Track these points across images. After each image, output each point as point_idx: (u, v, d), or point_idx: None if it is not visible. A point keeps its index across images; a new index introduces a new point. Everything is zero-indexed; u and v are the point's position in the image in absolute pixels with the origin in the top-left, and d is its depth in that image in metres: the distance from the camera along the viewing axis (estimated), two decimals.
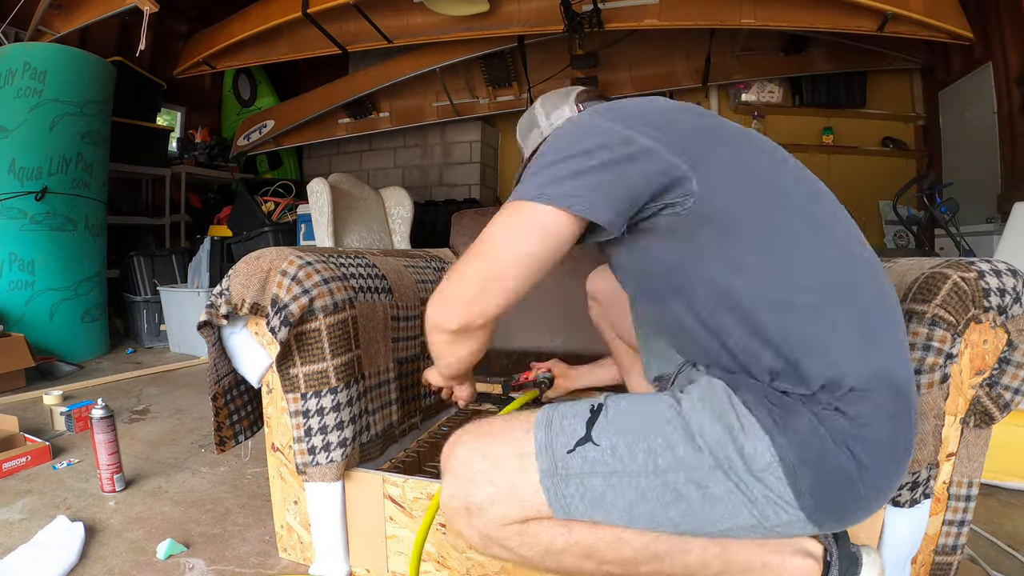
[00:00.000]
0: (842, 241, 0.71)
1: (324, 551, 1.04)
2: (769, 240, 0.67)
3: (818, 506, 0.64)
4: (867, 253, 0.72)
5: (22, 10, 3.07)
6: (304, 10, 3.44)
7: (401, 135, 5.17)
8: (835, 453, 0.62)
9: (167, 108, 4.91)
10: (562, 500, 0.68)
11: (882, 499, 0.67)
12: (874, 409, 0.64)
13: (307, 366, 0.98)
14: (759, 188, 0.69)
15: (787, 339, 0.65)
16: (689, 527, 0.67)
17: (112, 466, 1.40)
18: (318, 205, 2.69)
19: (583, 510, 0.68)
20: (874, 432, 0.64)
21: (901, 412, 0.66)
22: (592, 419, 0.70)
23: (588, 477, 0.67)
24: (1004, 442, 1.31)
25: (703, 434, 0.66)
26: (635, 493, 0.66)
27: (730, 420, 0.65)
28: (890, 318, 0.69)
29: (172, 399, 2.32)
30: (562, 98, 0.98)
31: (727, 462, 0.64)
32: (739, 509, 0.65)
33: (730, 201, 0.68)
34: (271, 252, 1.00)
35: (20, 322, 2.82)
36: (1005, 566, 1.08)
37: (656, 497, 0.66)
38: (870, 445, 0.63)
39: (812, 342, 0.65)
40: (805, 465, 0.62)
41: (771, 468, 0.63)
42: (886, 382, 0.65)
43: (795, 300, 0.66)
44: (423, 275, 1.38)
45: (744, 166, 0.70)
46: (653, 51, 4.36)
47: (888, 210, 4.27)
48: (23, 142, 2.83)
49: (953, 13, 2.99)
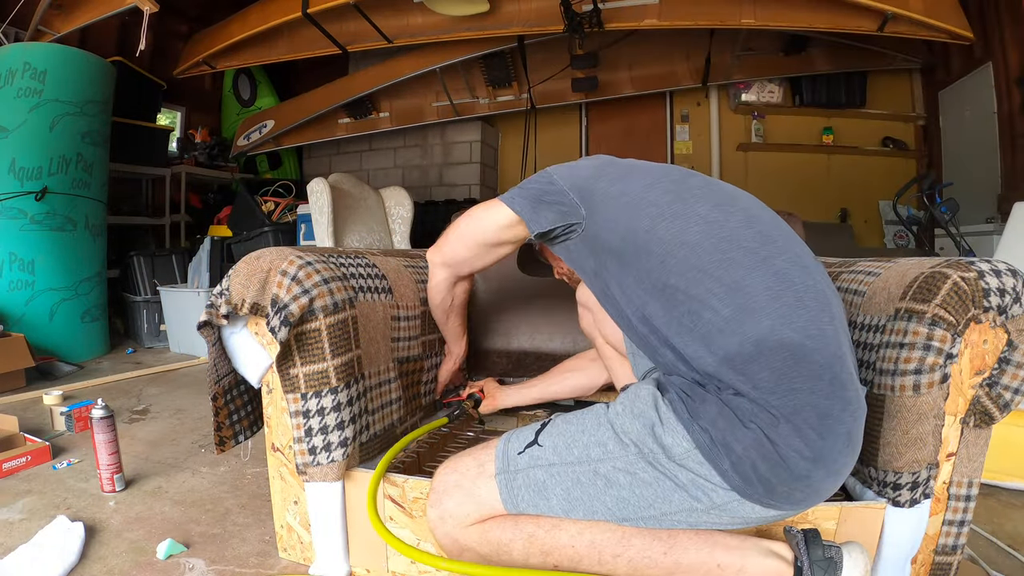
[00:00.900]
0: (707, 218, 0.79)
1: (324, 551, 1.04)
2: (637, 248, 0.80)
3: (746, 481, 0.69)
4: (741, 215, 0.79)
5: (22, 10, 3.07)
6: (304, 10, 3.44)
7: (401, 135, 5.17)
8: (744, 431, 0.68)
9: (167, 108, 4.91)
10: (511, 491, 0.79)
11: (832, 468, 0.69)
12: (770, 375, 0.68)
13: (307, 366, 0.98)
14: (625, 209, 0.83)
15: (673, 332, 0.76)
16: (624, 512, 0.75)
17: (112, 466, 1.40)
18: (318, 205, 2.69)
19: (528, 499, 0.78)
20: (780, 400, 0.67)
21: (805, 372, 0.68)
22: (540, 429, 0.83)
23: (532, 470, 0.79)
24: (1004, 442, 1.31)
25: (627, 432, 0.75)
26: (571, 480, 0.77)
27: (650, 416, 0.74)
28: (773, 283, 0.72)
29: (172, 399, 2.32)
30: None
31: (651, 454, 0.73)
32: (670, 494, 0.73)
33: (605, 226, 0.84)
34: (271, 252, 1.00)
35: (20, 322, 2.82)
36: (1005, 566, 1.08)
37: (589, 481, 0.76)
38: (780, 413, 0.67)
39: (691, 330, 0.74)
40: (720, 446, 0.69)
41: (691, 454, 0.71)
42: (771, 344, 0.68)
43: (669, 294, 0.76)
44: (423, 275, 1.38)
45: (618, 194, 0.85)
46: (653, 51, 4.36)
47: (888, 210, 4.27)
48: (23, 142, 2.82)
49: (953, 13, 2.99)
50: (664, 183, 0.85)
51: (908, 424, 0.82)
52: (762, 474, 0.68)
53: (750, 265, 0.74)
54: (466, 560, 0.82)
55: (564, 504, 0.77)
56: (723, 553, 0.74)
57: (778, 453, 0.67)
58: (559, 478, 0.77)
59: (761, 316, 0.70)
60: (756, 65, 4.32)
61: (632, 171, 0.90)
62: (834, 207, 4.47)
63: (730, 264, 0.74)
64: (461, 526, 0.81)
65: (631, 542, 0.76)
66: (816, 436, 0.67)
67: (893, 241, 4.30)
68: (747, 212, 0.82)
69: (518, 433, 0.85)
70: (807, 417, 0.67)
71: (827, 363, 0.69)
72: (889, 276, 0.91)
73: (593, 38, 3.80)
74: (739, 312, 0.71)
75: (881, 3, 2.90)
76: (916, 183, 3.26)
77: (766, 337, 0.69)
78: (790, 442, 0.67)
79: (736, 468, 0.69)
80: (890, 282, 0.89)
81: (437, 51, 4.16)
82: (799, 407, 0.67)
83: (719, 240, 0.76)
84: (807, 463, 0.67)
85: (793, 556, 0.74)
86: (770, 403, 0.68)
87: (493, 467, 0.81)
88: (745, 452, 0.68)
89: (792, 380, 0.68)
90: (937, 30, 3.02)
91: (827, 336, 0.71)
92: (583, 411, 0.83)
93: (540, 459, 0.79)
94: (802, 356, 0.69)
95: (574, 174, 0.92)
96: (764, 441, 0.67)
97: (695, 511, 0.73)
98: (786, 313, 0.71)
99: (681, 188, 0.84)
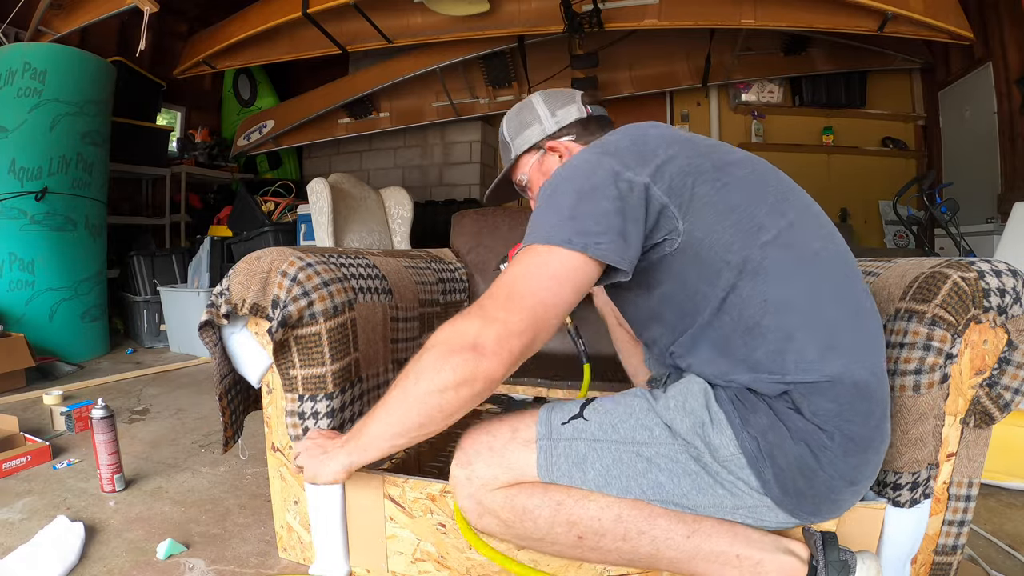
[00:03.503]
0: (808, 256, 0.74)
1: (324, 551, 1.04)
2: (744, 273, 0.73)
3: (784, 493, 0.72)
4: (833, 252, 0.76)
5: (22, 10, 3.07)
6: (304, 10, 3.44)
7: (401, 135, 5.16)
8: (792, 446, 0.70)
9: (167, 108, 4.92)
10: (550, 459, 0.78)
11: (857, 489, 0.74)
12: (833, 407, 0.70)
13: (306, 369, 0.97)
14: (737, 223, 0.74)
15: (746, 359, 0.74)
16: (658, 496, 0.75)
17: (112, 466, 1.40)
18: (318, 205, 2.69)
19: (565, 469, 0.77)
20: (835, 427, 0.70)
21: (864, 408, 0.71)
22: (585, 404, 0.82)
23: (575, 442, 0.78)
24: (1004, 442, 1.31)
25: (673, 424, 0.76)
26: (611, 458, 0.77)
27: (701, 415, 0.74)
28: (853, 321, 0.74)
29: (172, 399, 2.32)
30: (567, 97, 1.01)
31: (695, 450, 0.74)
32: (707, 489, 0.74)
33: (711, 239, 0.74)
34: (271, 252, 1.00)
35: (20, 322, 2.82)
36: (1005, 566, 1.08)
37: (631, 462, 0.76)
38: (831, 439, 0.70)
39: (769, 365, 0.72)
40: (766, 456, 0.71)
41: (735, 459, 0.72)
42: (846, 382, 0.70)
43: (758, 332, 0.73)
44: (423, 276, 1.38)
45: (725, 204, 0.75)
46: (653, 51, 4.35)
47: (888, 210, 4.27)
48: (23, 142, 2.82)
49: (953, 13, 2.99)
50: (768, 198, 0.76)
51: (908, 424, 0.82)
52: (799, 488, 0.71)
53: (837, 298, 0.74)
54: (485, 525, 0.82)
55: (600, 479, 0.77)
56: (743, 545, 0.75)
57: (820, 472, 0.70)
58: (600, 453, 0.77)
59: (841, 353, 0.71)
60: (756, 65, 4.32)
61: (728, 168, 0.78)
62: (834, 207, 4.47)
63: (823, 302, 0.73)
64: (487, 489, 0.79)
65: (656, 521, 0.76)
66: (856, 462, 0.72)
67: (893, 241, 4.30)
68: (832, 234, 0.78)
69: (560, 405, 0.84)
70: (854, 445, 0.71)
71: (882, 399, 0.74)
72: (889, 276, 0.90)
73: (593, 38, 3.80)
74: (824, 351, 0.71)
75: (881, 3, 2.89)
76: (916, 183, 3.25)
77: (841, 375, 0.70)
78: (835, 464, 0.70)
79: (777, 479, 0.71)
80: (890, 282, 0.89)
81: (437, 51, 4.15)
82: (850, 435, 0.71)
83: (819, 275, 0.74)
84: (842, 484, 0.72)
85: (809, 555, 0.75)
86: (824, 427, 0.70)
87: (530, 433, 0.80)
88: (788, 466, 0.70)
89: (851, 413, 0.71)
90: (937, 30, 3.02)
91: (884, 374, 0.75)
92: (626, 395, 0.83)
93: (584, 432, 0.78)
94: (867, 394, 0.72)
95: (657, 162, 0.75)
96: (809, 459, 0.70)
97: (724, 508, 0.75)
98: (861, 352, 0.73)
99: (784, 206, 0.77)
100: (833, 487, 0.71)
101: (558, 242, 0.71)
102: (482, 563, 0.94)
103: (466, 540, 0.88)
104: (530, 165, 1.02)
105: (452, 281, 1.56)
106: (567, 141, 0.98)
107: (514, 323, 0.68)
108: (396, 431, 0.77)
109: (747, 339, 0.73)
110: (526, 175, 1.03)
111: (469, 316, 0.71)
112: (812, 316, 0.72)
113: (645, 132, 0.83)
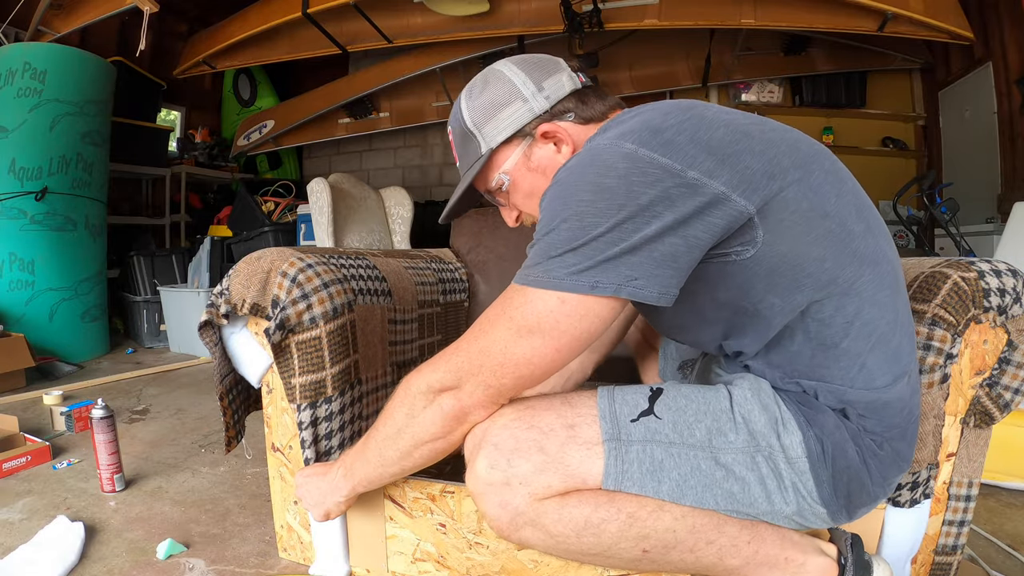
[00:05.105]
0: (890, 274, 0.69)
1: (324, 551, 1.04)
2: (832, 292, 0.65)
3: (835, 495, 0.69)
4: (895, 260, 0.73)
5: (22, 10, 3.07)
6: (304, 10, 3.44)
7: (401, 135, 5.17)
8: (852, 449, 0.69)
9: (167, 108, 4.92)
10: (621, 465, 0.67)
11: (886, 494, 0.74)
12: (888, 421, 0.71)
13: (304, 376, 0.97)
14: (830, 233, 0.64)
15: (810, 377, 0.71)
16: (730, 506, 0.69)
17: (112, 466, 1.40)
18: (318, 205, 2.69)
19: (637, 478, 0.67)
20: (885, 439, 0.71)
21: (912, 429, 0.73)
22: (654, 397, 0.71)
23: (650, 445, 0.67)
24: (1004, 442, 1.31)
25: (750, 422, 0.68)
26: (690, 466, 0.67)
27: (774, 413, 0.69)
28: (912, 342, 0.73)
29: (172, 399, 2.32)
30: (551, 64, 0.79)
31: (768, 449, 0.68)
32: (773, 494, 0.69)
33: (797, 251, 0.63)
34: (271, 252, 1.00)
35: (20, 322, 2.82)
36: (1005, 566, 1.08)
37: (709, 470, 0.67)
38: (881, 448, 0.71)
39: (842, 377, 0.69)
40: (828, 459, 0.68)
41: (800, 460, 0.68)
42: (897, 405, 0.71)
43: (833, 355, 0.68)
44: (422, 276, 1.38)
45: (819, 210, 0.63)
46: (653, 51, 4.36)
47: (888, 210, 4.26)
48: (23, 142, 2.83)
49: (953, 13, 3.00)
50: (849, 197, 0.67)
51: None
52: (850, 491, 0.70)
53: (908, 322, 0.72)
54: (524, 538, 0.69)
55: (675, 491, 0.67)
56: (790, 547, 0.74)
57: (867, 480, 0.71)
58: (678, 460, 0.67)
59: (907, 381, 0.71)
60: (756, 65, 4.32)
61: (810, 164, 0.64)
62: None
63: (900, 328, 0.70)
64: (535, 497, 0.66)
65: (725, 529, 0.69)
66: (894, 476, 0.73)
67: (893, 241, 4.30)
68: (888, 232, 0.72)
69: (622, 394, 0.71)
70: (898, 459, 0.72)
71: (920, 417, 0.76)
72: None
73: (593, 38, 3.80)
74: (894, 380, 0.69)
75: (881, 3, 2.90)
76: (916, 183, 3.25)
77: (901, 398, 0.71)
78: (881, 471, 0.71)
79: (833, 481, 0.69)
80: None
81: (437, 51, 4.16)
82: (897, 450, 0.72)
83: (902, 301, 0.71)
84: (880, 492, 0.72)
85: (837, 554, 0.76)
86: (875, 437, 0.71)
87: (592, 433, 0.67)
88: (846, 468, 0.69)
89: (900, 431, 0.72)
90: (937, 30, 3.02)
91: (921, 393, 0.76)
92: (699, 388, 0.72)
93: (659, 434, 0.68)
94: (912, 418, 0.73)
95: (732, 160, 0.60)
96: (860, 464, 0.70)
97: (778, 515, 0.70)
98: (914, 375, 0.73)
99: (864, 209, 0.69)
100: (875, 495, 0.72)
101: (586, 290, 0.59)
102: (481, 563, 0.94)
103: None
104: (512, 160, 0.79)
105: (452, 281, 1.56)
106: (567, 123, 0.76)
107: (507, 390, 0.68)
108: (394, 471, 0.79)
109: (821, 357, 0.68)
110: (507, 175, 0.80)
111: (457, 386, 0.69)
112: (890, 343, 0.68)
113: (701, 115, 0.62)
